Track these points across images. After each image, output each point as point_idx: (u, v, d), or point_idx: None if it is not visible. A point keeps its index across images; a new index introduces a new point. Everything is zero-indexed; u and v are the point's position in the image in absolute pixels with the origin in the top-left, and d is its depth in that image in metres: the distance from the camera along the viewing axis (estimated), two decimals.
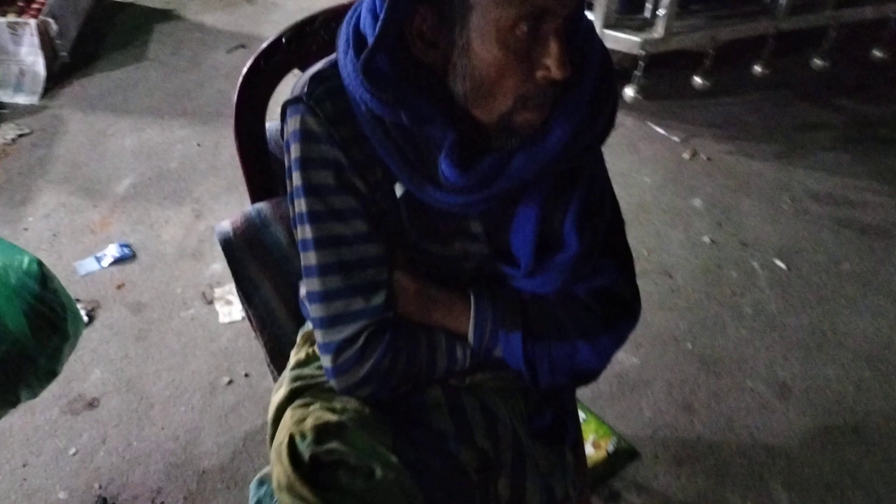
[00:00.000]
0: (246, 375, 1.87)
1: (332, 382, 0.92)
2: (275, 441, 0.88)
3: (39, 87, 2.84)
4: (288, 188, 0.91)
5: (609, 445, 1.72)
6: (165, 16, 3.37)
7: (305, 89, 0.86)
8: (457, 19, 0.76)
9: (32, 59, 2.78)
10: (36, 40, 2.73)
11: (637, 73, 2.45)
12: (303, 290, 1.09)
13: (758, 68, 2.66)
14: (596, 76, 0.85)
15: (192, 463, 1.69)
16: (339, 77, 0.84)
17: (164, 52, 3.14)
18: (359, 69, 0.79)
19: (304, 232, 0.89)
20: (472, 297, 0.93)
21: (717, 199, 2.48)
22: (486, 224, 0.93)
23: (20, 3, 2.83)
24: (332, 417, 0.87)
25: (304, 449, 0.83)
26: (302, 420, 0.87)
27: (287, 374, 1.02)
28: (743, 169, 2.62)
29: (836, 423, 1.80)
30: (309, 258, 0.89)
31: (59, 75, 2.88)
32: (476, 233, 0.94)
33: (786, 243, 2.31)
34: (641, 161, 2.64)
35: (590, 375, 1.00)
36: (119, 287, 2.11)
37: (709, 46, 2.49)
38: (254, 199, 1.18)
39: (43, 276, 1.40)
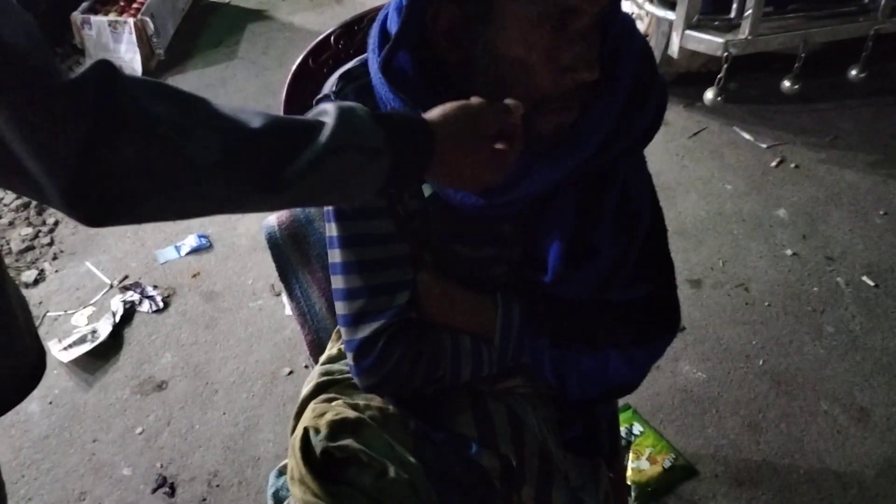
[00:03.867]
0: (306, 367, 1.91)
1: (356, 380, 0.92)
2: (293, 434, 0.89)
3: None
4: None
5: (666, 461, 1.66)
6: (258, 16, 3.49)
7: (334, 88, 0.87)
8: (479, 17, 0.74)
9: (130, 56, 2.93)
10: (133, 38, 2.88)
11: (720, 75, 2.34)
12: None
13: (854, 72, 2.49)
14: (634, 76, 0.82)
15: (249, 449, 1.74)
16: (369, 76, 0.84)
17: (254, 52, 3.25)
18: (378, 67, 0.78)
19: (331, 230, 0.90)
20: (498, 301, 0.91)
21: (803, 209, 2.35)
22: (517, 227, 0.91)
23: (121, 3, 3.00)
24: (350, 414, 0.88)
25: (317, 443, 0.84)
26: (321, 415, 0.88)
27: (317, 368, 1.04)
28: (834, 178, 2.47)
29: None
30: (334, 256, 0.90)
31: (155, 72, 3.01)
32: (507, 236, 0.92)
33: (876, 259, 2.16)
34: (724, 167, 2.53)
35: (624, 388, 0.97)
36: (194, 276, 2.20)
37: (800, 49, 2.35)
38: None
39: None
